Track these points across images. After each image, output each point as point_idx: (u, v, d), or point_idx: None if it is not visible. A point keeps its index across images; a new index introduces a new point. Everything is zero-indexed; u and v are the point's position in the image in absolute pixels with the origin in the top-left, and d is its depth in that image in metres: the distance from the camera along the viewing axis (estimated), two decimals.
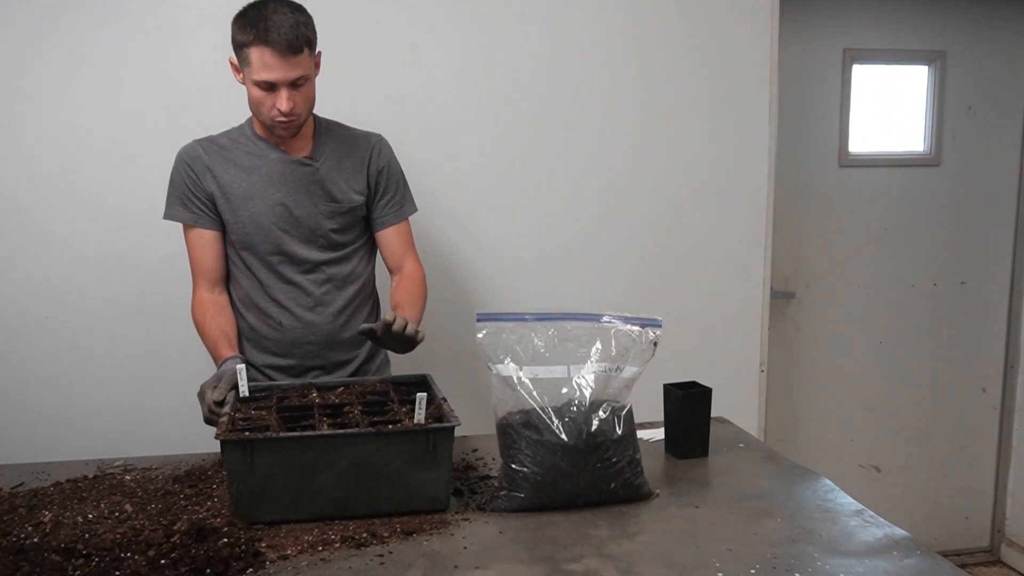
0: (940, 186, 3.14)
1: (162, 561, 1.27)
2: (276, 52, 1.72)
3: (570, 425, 1.49)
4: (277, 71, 1.73)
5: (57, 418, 2.35)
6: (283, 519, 1.43)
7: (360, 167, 1.95)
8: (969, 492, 3.32)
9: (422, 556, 1.32)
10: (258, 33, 1.71)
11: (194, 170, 1.87)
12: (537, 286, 2.60)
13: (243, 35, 1.74)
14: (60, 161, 2.29)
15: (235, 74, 1.83)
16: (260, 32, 1.71)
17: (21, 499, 1.54)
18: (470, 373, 2.41)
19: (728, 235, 2.72)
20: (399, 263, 2.00)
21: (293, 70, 1.74)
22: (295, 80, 1.76)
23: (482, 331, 1.56)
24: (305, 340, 1.93)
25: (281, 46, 1.71)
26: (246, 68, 1.76)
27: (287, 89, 1.76)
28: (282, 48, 1.71)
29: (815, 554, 1.33)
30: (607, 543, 1.37)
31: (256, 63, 1.73)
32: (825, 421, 3.17)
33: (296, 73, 1.75)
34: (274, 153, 1.89)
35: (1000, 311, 3.24)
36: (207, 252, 1.90)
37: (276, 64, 1.73)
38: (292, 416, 1.58)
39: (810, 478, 1.66)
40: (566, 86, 2.56)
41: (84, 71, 2.27)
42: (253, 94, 1.78)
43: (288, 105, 1.76)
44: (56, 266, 2.31)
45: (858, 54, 3.02)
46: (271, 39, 1.71)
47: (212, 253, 1.91)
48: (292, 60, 1.74)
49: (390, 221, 1.98)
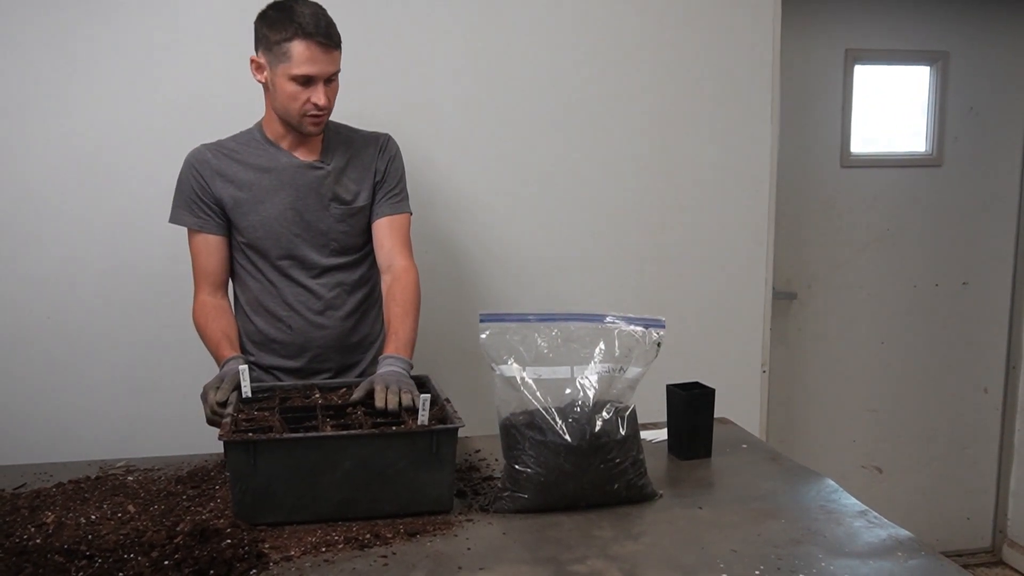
0: (942, 187, 3.14)
1: (165, 562, 1.26)
2: (320, 45, 1.73)
3: (573, 426, 1.49)
4: (319, 64, 1.75)
5: (59, 419, 2.35)
6: (286, 520, 1.43)
7: (368, 167, 1.95)
8: (971, 493, 3.32)
9: (426, 557, 1.32)
10: (301, 27, 1.72)
11: (202, 175, 1.86)
12: (540, 287, 2.60)
13: (280, 31, 1.74)
14: (63, 164, 2.29)
15: (256, 73, 1.82)
16: (303, 26, 1.72)
17: (24, 500, 1.54)
18: (473, 374, 2.41)
19: (730, 236, 2.72)
20: (389, 259, 1.93)
21: (332, 64, 1.78)
22: (332, 74, 1.79)
23: (485, 332, 1.56)
24: (314, 343, 1.93)
25: (324, 40, 1.74)
26: (282, 64, 1.75)
27: (323, 83, 1.77)
28: (325, 42, 1.74)
29: (819, 555, 1.33)
30: (611, 544, 1.37)
31: (297, 57, 1.73)
32: (827, 422, 3.17)
33: (334, 67, 1.79)
34: (284, 157, 1.89)
35: (1002, 312, 3.24)
36: (211, 257, 1.90)
37: (319, 57, 1.74)
38: (295, 417, 1.57)
39: (814, 479, 1.66)
40: (569, 88, 2.55)
41: (87, 74, 2.27)
42: (287, 89, 1.77)
43: (324, 100, 1.78)
44: (58, 268, 2.31)
45: (860, 54, 3.02)
46: (313, 33, 1.72)
47: (215, 258, 1.90)
48: (333, 54, 1.77)
49: (385, 212, 1.95)
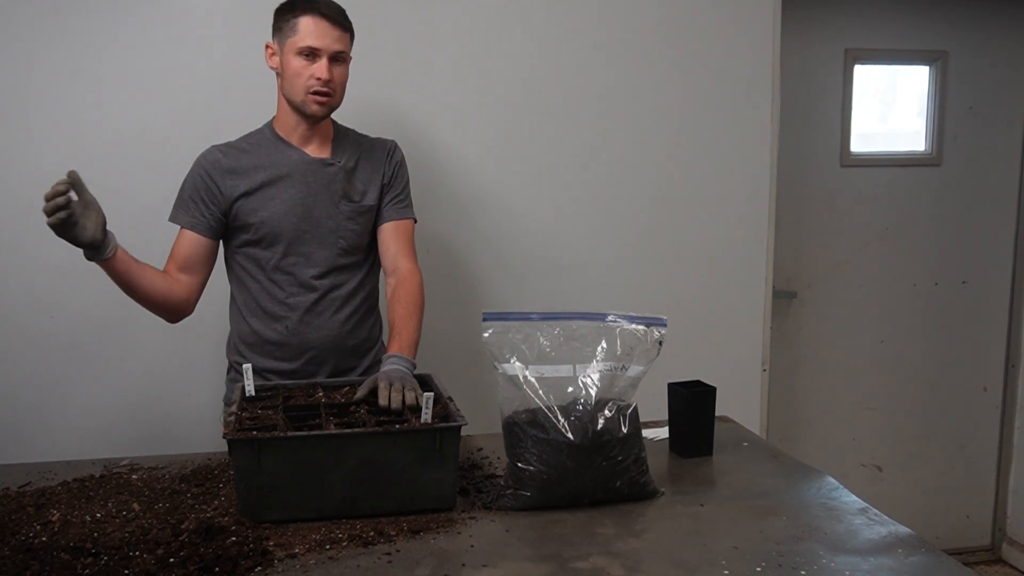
0: (941, 186, 3.15)
1: (171, 560, 1.27)
2: (327, 19, 1.82)
3: (576, 424, 1.50)
4: (324, 38, 1.81)
5: (62, 418, 2.35)
6: (290, 518, 1.44)
7: (377, 169, 1.97)
8: (970, 491, 3.33)
9: (429, 554, 1.33)
10: (309, 4, 1.82)
11: (211, 175, 1.88)
12: (542, 285, 2.61)
13: (291, 10, 1.84)
14: (68, 160, 2.28)
15: (269, 60, 1.89)
16: (312, 4, 1.82)
17: (29, 498, 1.54)
18: (475, 372, 2.42)
19: (730, 235, 2.73)
20: (394, 262, 1.96)
21: (337, 42, 1.83)
22: (337, 52, 1.84)
23: (488, 330, 1.57)
24: (310, 344, 1.93)
25: (331, 15, 1.83)
26: (290, 38, 1.82)
27: (328, 60, 1.82)
28: (332, 17, 1.83)
29: (820, 552, 1.34)
30: (613, 541, 1.38)
31: (304, 29, 1.81)
32: (827, 420, 3.18)
33: (339, 46, 1.84)
34: (295, 153, 1.91)
35: (1001, 310, 3.25)
36: (188, 248, 1.89)
37: (324, 31, 1.81)
38: (299, 415, 1.58)
39: (814, 476, 1.67)
40: (569, 87, 2.56)
41: (93, 71, 2.27)
42: (293, 65, 1.83)
43: (328, 74, 1.82)
44: (62, 265, 2.31)
45: (860, 54, 3.03)
46: (321, 10, 1.82)
47: (193, 251, 1.89)
48: (339, 32, 1.83)
49: (391, 216, 1.98)
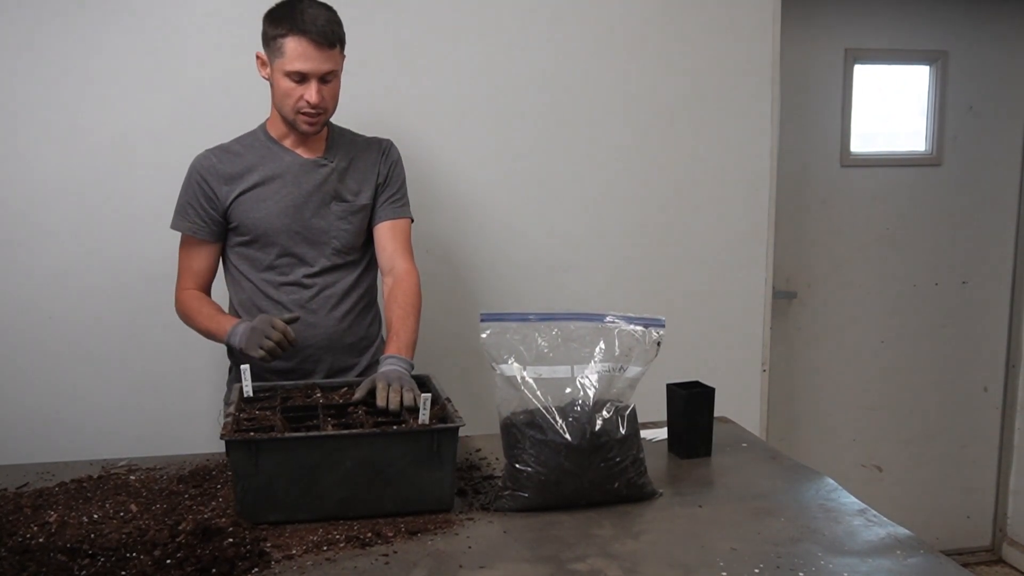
0: (941, 186, 3.14)
1: (168, 561, 1.27)
2: (312, 43, 1.76)
3: (574, 425, 1.49)
4: (311, 62, 1.77)
5: (60, 419, 2.35)
6: (288, 519, 1.44)
7: (371, 169, 1.97)
8: (970, 491, 3.32)
9: (427, 556, 1.33)
10: (295, 24, 1.76)
11: (206, 180, 1.88)
12: (541, 286, 2.60)
13: (278, 27, 1.78)
14: (66, 162, 2.29)
15: (260, 69, 1.86)
16: (297, 23, 1.76)
17: (26, 499, 1.54)
18: (473, 373, 2.42)
19: (730, 235, 2.72)
20: (391, 262, 1.96)
21: (325, 63, 1.79)
22: (326, 73, 1.80)
23: (486, 331, 1.57)
24: (307, 343, 1.92)
25: (317, 37, 1.76)
26: (278, 59, 1.79)
27: (317, 82, 1.79)
28: (318, 40, 1.76)
29: (819, 553, 1.33)
30: (611, 542, 1.38)
31: (290, 53, 1.77)
32: (827, 421, 3.18)
33: (328, 67, 1.79)
34: (287, 155, 1.91)
35: (1001, 310, 3.24)
36: (199, 260, 1.93)
37: (311, 55, 1.77)
38: (296, 416, 1.58)
39: (813, 477, 1.67)
40: (569, 87, 2.56)
41: (90, 72, 2.27)
42: (282, 86, 1.80)
43: (317, 97, 1.80)
44: (61, 267, 2.32)
45: (860, 54, 3.02)
46: (308, 30, 1.76)
47: (203, 262, 1.93)
48: (326, 53, 1.78)
49: (387, 216, 1.98)
